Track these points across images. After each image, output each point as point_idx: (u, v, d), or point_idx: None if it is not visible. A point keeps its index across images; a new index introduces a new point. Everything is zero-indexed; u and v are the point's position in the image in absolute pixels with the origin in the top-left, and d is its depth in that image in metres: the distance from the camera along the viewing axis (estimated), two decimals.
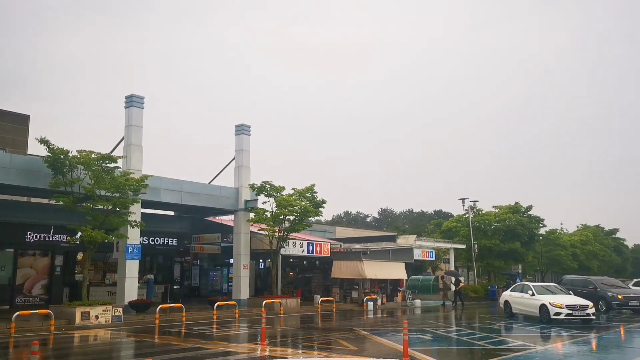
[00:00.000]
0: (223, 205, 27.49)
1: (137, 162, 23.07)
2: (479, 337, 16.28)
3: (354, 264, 29.91)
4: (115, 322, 19.29)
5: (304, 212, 26.88)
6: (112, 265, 26.42)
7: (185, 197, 25.68)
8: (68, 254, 26.18)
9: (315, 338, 16.30)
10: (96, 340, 16.00)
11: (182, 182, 25.76)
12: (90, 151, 20.39)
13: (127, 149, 23.05)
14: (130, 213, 21.47)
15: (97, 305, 19.51)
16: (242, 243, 27.52)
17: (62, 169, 19.87)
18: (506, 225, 43.73)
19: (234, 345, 14.44)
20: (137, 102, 23.44)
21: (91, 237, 19.41)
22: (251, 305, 25.85)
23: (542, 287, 22.78)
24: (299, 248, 29.19)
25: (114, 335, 16.64)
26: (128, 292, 22.10)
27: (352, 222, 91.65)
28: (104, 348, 14.73)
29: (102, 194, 20.52)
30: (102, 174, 20.39)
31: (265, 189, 27.03)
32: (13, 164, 19.99)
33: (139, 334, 16.68)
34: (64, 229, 23.99)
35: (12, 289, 24.03)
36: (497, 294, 36.25)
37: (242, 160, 28.16)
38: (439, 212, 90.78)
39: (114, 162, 21.00)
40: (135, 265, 22.79)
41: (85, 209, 20.25)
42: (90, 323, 18.57)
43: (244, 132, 28.35)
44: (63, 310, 18.85)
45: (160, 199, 24.59)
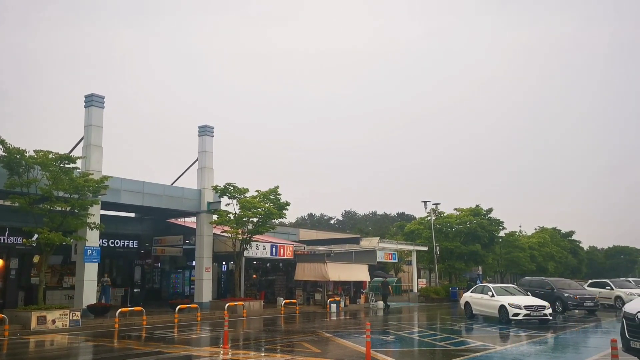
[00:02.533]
0: (185, 206, 27.14)
1: (96, 163, 22.55)
2: (440, 338, 16.52)
3: (317, 266, 29.96)
4: (73, 327, 18.80)
5: (268, 214, 26.79)
6: (70, 268, 25.73)
7: (146, 198, 25.25)
8: (24, 256, 25.34)
9: (278, 341, 16.25)
10: (53, 345, 15.57)
11: (144, 183, 25.31)
12: (48, 151, 19.85)
13: (87, 149, 22.51)
14: (90, 215, 20.99)
15: (54, 309, 18.98)
16: (204, 245, 27.23)
17: (18, 169, 19.29)
18: (467, 227, 44.51)
19: (196, 349, 14.27)
20: (97, 102, 22.93)
21: (48, 239, 18.88)
22: (214, 308, 25.59)
23: (502, 289, 23.28)
24: (263, 250, 29.06)
25: (71, 340, 16.22)
26: (86, 295, 21.57)
27: (316, 224, 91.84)
28: (61, 353, 14.33)
29: (60, 195, 20.00)
30: (60, 175, 19.88)
31: (228, 191, 26.82)
32: None
33: (97, 339, 16.32)
34: (19, 231, 23.25)
35: None
36: (458, 295, 36.82)
37: (206, 162, 27.88)
38: (402, 215, 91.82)
39: (72, 163, 20.49)
40: (94, 268, 22.26)
41: (42, 210, 19.71)
42: (47, 328, 18.06)
43: (207, 133, 28.07)
44: (18, 315, 18.27)
45: (121, 201, 24.10)
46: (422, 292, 40.47)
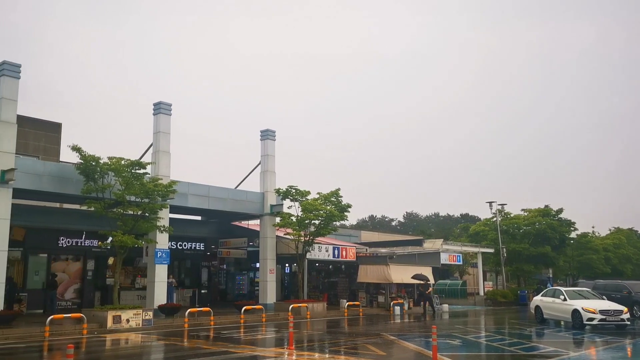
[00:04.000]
0: (249, 209, 27.69)
1: (165, 168, 23.41)
2: (509, 343, 16.06)
3: (380, 268, 29.81)
4: (146, 326, 19.58)
5: (330, 217, 26.92)
6: (142, 270, 26.82)
7: (212, 202, 25.95)
8: (99, 258, 26.67)
9: (342, 342, 16.29)
10: (127, 343, 16.26)
11: (209, 187, 26.03)
12: (121, 158, 20.79)
13: (156, 155, 23.42)
14: (159, 218, 21.78)
15: (128, 309, 19.84)
16: (268, 247, 27.67)
17: (94, 175, 20.28)
18: (536, 228, 43.05)
19: (262, 349, 14.53)
20: (165, 109, 23.81)
21: (122, 242, 19.76)
22: (278, 309, 25.95)
23: (574, 292, 22.36)
24: (325, 252, 29.21)
25: (144, 339, 16.88)
26: (157, 296, 22.41)
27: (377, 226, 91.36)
28: (135, 352, 14.95)
29: (132, 199, 20.87)
30: (132, 180, 20.75)
31: (290, 194, 27.16)
32: (46, 171, 20.46)
33: (169, 338, 16.90)
34: (95, 234, 24.49)
35: (45, 293, 24.54)
36: (527, 298, 35.69)
37: (268, 165, 28.34)
38: (466, 216, 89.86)
39: (143, 168, 21.36)
40: (164, 270, 23.10)
41: (116, 214, 20.63)
42: (122, 327, 18.89)
43: (269, 137, 28.54)
44: (95, 314, 19.22)
45: (188, 204, 24.89)
46: (489, 295, 39.42)
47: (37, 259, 24.90)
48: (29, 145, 27.53)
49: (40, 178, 20.09)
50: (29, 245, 24.13)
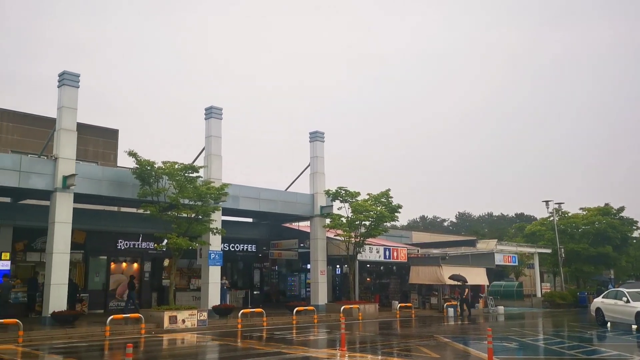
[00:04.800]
0: (299, 211, 27.86)
1: (217, 171, 23.86)
2: (569, 346, 15.51)
3: (432, 269, 29.38)
4: (200, 326, 19.99)
5: (380, 218, 26.75)
6: (196, 271, 27.42)
7: (262, 204, 26.25)
8: (155, 260, 27.44)
9: (394, 344, 16.15)
10: (183, 343, 16.65)
11: (260, 189, 26.35)
12: (174, 162, 21.33)
13: (208, 158, 23.90)
14: (212, 220, 22.22)
15: (184, 309, 20.32)
16: (318, 249, 27.75)
17: (149, 179, 20.88)
18: (595, 228, 41.45)
19: (314, 350, 14.58)
20: (216, 114, 24.28)
21: (177, 244, 20.26)
22: (329, 310, 25.98)
23: (638, 294, 21.36)
24: (376, 253, 29.04)
25: (199, 339, 17.24)
26: (211, 297, 22.84)
27: (429, 227, 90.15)
28: (191, 351, 15.29)
29: (186, 202, 21.36)
30: (185, 184, 21.25)
31: (340, 195, 27.14)
32: (105, 176, 21.24)
33: (223, 338, 17.19)
34: (151, 237, 25.22)
35: (105, 294, 25.48)
36: (587, 300, 34.40)
37: (317, 167, 28.43)
38: (521, 215, 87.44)
39: (196, 172, 21.85)
40: (218, 271, 23.53)
41: (171, 217, 21.17)
42: (178, 327, 19.36)
43: (318, 139, 28.64)
44: (152, 315, 19.77)
45: (239, 207, 25.27)
46: (546, 297, 38.20)
47: (97, 261, 25.84)
48: (88, 151, 28.64)
49: (99, 183, 20.86)
50: (89, 247, 25.10)
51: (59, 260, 18.98)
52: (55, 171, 19.27)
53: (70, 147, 19.70)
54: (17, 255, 22.98)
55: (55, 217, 19.09)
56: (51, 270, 18.76)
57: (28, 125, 26.55)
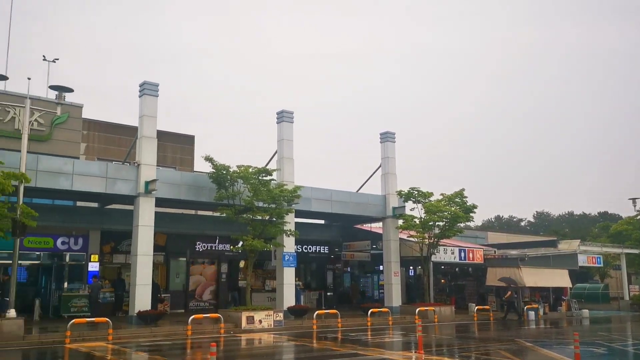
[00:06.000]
0: (371, 212, 27.77)
1: (289, 174, 24.23)
2: None
3: (510, 271, 28.40)
4: (277, 327, 20.34)
5: (454, 218, 26.21)
6: (271, 272, 27.94)
7: (334, 205, 26.38)
8: (232, 261, 28.21)
9: (473, 348, 15.76)
10: (261, 343, 17.00)
11: (331, 191, 26.50)
12: (248, 166, 21.87)
13: (280, 162, 24.31)
14: (286, 222, 22.57)
15: (260, 310, 20.75)
16: (391, 250, 27.54)
17: (225, 183, 21.51)
18: None
19: (390, 352, 14.47)
20: (287, 117, 24.67)
21: (252, 245, 20.73)
22: (404, 312, 25.72)
23: None
24: (450, 254, 28.46)
25: (276, 339, 17.55)
26: (286, 298, 23.19)
27: (505, 227, 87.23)
28: (269, 351, 15.60)
29: (260, 205, 21.82)
30: (259, 187, 21.71)
31: (412, 195, 26.82)
32: (183, 181, 22.10)
33: (299, 339, 17.41)
34: (227, 239, 25.96)
35: (185, 294, 26.48)
36: None
37: (388, 168, 28.23)
38: (605, 214, 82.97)
39: (269, 175, 22.30)
40: (292, 272, 23.87)
41: (246, 219, 21.69)
42: (255, 327, 19.79)
43: (388, 139, 28.45)
44: (230, 315, 20.33)
45: (312, 209, 25.51)
46: (635, 299, 36.00)
47: (177, 263, 26.89)
48: (167, 157, 29.84)
49: (178, 187, 21.72)
50: (169, 249, 26.16)
51: (143, 261, 19.90)
52: (138, 177, 20.24)
53: (151, 153, 20.62)
54: (104, 257, 24.33)
55: (139, 220, 20.04)
56: (136, 271, 19.71)
57: (112, 134, 28.01)
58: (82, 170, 19.58)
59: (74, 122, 23.88)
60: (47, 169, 18.70)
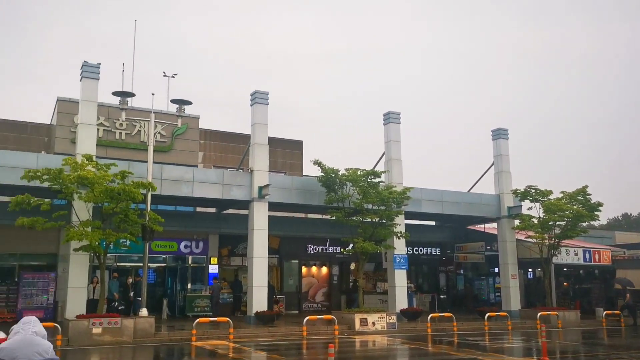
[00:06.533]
0: (484, 213, 26.76)
1: (398, 176, 24.02)
2: None
3: None
4: (390, 329, 20.20)
5: (577, 217, 24.51)
6: (382, 274, 27.85)
7: (445, 206, 25.75)
8: (343, 264, 28.50)
9: (601, 356, 14.64)
10: (375, 345, 17.00)
11: (442, 191, 25.90)
12: (357, 168, 21.97)
13: (388, 163, 24.18)
14: (396, 224, 22.39)
15: (373, 312, 20.73)
16: (508, 252, 26.34)
17: (334, 186, 21.78)
18: None
19: (510, 358, 13.85)
20: (394, 118, 24.49)
21: (363, 248, 20.79)
22: (524, 317, 24.48)
23: None
24: (574, 256, 26.66)
25: (390, 342, 17.43)
26: (399, 300, 22.98)
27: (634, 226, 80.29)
28: (383, 354, 15.58)
29: (369, 207, 21.84)
30: (368, 189, 21.73)
31: (529, 194, 25.47)
32: (293, 185, 22.70)
33: (413, 342, 17.16)
34: (338, 241, 26.25)
35: (299, 296, 27.14)
36: None
37: (502, 166, 27.06)
38: None
39: (377, 177, 22.27)
40: (404, 275, 23.62)
41: (356, 222, 21.80)
42: (368, 329, 19.80)
43: (501, 136, 27.28)
44: (344, 316, 20.51)
45: (422, 210, 25.09)
46: None
47: (290, 265, 27.65)
48: (277, 162, 30.79)
49: (289, 192, 22.34)
50: (282, 252, 26.96)
51: (259, 264, 20.67)
52: (252, 182, 21.07)
53: (263, 160, 21.40)
54: (222, 260, 25.59)
55: (254, 224, 20.84)
56: (252, 273, 20.51)
57: (226, 142, 29.41)
58: (201, 177, 20.75)
59: (192, 133, 25.42)
60: (170, 177, 20.01)
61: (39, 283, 20.87)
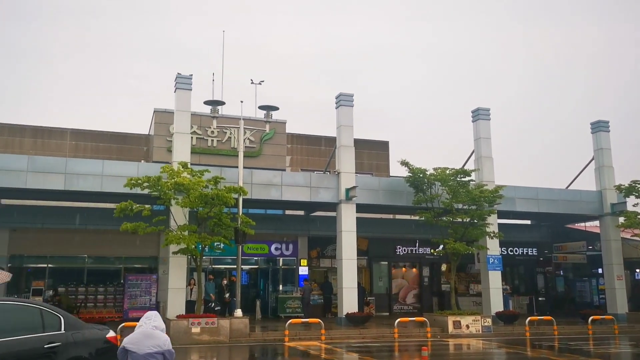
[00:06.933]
0: (584, 210, 25.21)
1: (489, 174, 23.21)
2: None
3: None
4: (485, 332, 19.52)
5: None
6: (474, 276, 27.03)
7: (541, 204, 24.53)
8: (433, 265, 27.95)
9: None
10: (470, 349, 16.49)
11: (537, 189, 24.71)
12: (445, 167, 21.46)
13: (478, 161, 23.42)
14: (488, 224, 21.63)
15: (467, 315, 20.15)
16: (612, 251, 24.64)
17: (422, 186, 21.40)
18: None
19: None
20: (484, 115, 23.68)
21: (454, 249, 20.26)
22: (631, 320, 22.82)
23: None
24: None
25: (485, 345, 16.86)
26: (494, 303, 22.17)
27: None
28: (480, 357, 15.06)
29: (460, 207, 21.26)
30: (458, 188, 21.16)
31: (635, 190, 23.71)
32: (380, 186, 22.55)
33: (510, 346, 16.49)
34: (427, 242, 25.73)
35: (389, 298, 26.92)
36: None
37: (603, 160, 25.38)
38: None
39: (467, 176, 21.62)
40: (498, 276, 22.77)
41: (446, 222, 21.30)
42: (462, 332, 19.26)
43: (601, 129, 25.59)
44: (436, 319, 20.08)
45: (515, 209, 24.06)
46: None
47: (379, 267, 27.51)
48: (363, 164, 30.71)
49: (376, 193, 22.22)
50: (371, 254, 26.87)
51: (348, 265, 20.71)
52: (339, 185, 21.17)
53: (349, 162, 21.46)
54: (312, 261, 25.91)
55: (342, 226, 20.92)
56: (342, 275, 20.58)
57: (312, 145, 29.74)
58: (289, 181, 21.13)
59: (280, 137, 25.97)
60: (260, 181, 20.55)
61: (142, 284, 22.19)
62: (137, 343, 5.33)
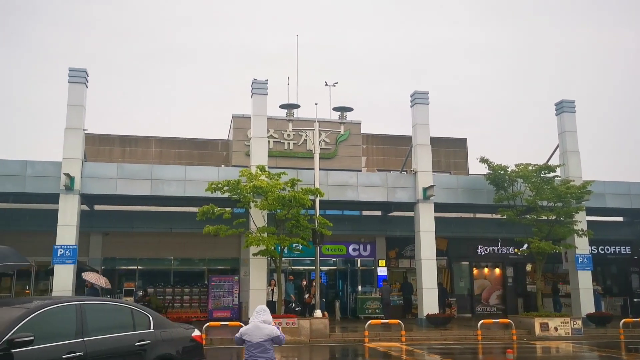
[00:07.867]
0: None
1: (575, 169, 22.08)
2: None
3: None
4: (575, 335, 18.58)
5: None
6: (562, 276, 25.79)
7: (634, 200, 23.01)
8: (517, 265, 26.93)
9: None
10: (558, 352, 15.75)
11: (630, 184, 23.23)
12: (528, 164, 20.64)
13: (563, 156, 22.34)
14: (576, 222, 20.60)
15: (555, 316, 19.29)
16: None
17: (503, 184, 20.69)
18: None
19: None
20: (568, 108, 22.58)
21: (539, 248, 19.42)
22: None
23: None
24: None
25: (576, 349, 16.04)
26: (584, 304, 21.05)
27: None
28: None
29: (544, 204, 20.37)
30: (542, 185, 20.30)
31: None
32: (459, 185, 21.98)
33: (603, 349, 15.57)
34: (510, 241, 24.89)
35: (471, 299, 26.21)
36: None
37: None
38: None
39: (552, 172, 20.69)
40: (588, 276, 21.60)
41: (529, 220, 20.49)
42: (549, 335, 18.42)
43: None
44: (521, 321, 19.33)
45: (606, 205, 22.75)
46: None
47: (459, 267, 26.84)
48: (440, 162, 30.09)
49: (455, 192, 21.71)
50: (451, 254, 26.27)
51: (427, 266, 20.37)
52: (416, 184, 20.87)
53: (426, 160, 21.09)
54: (390, 262, 25.70)
55: (420, 226, 20.61)
56: (421, 275, 20.27)
57: (388, 145, 29.48)
58: (365, 181, 21.08)
59: (355, 138, 25.98)
60: (336, 182, 20.64)
61: (225, 285, 22.90)
62: (251, 334, 6.89)
